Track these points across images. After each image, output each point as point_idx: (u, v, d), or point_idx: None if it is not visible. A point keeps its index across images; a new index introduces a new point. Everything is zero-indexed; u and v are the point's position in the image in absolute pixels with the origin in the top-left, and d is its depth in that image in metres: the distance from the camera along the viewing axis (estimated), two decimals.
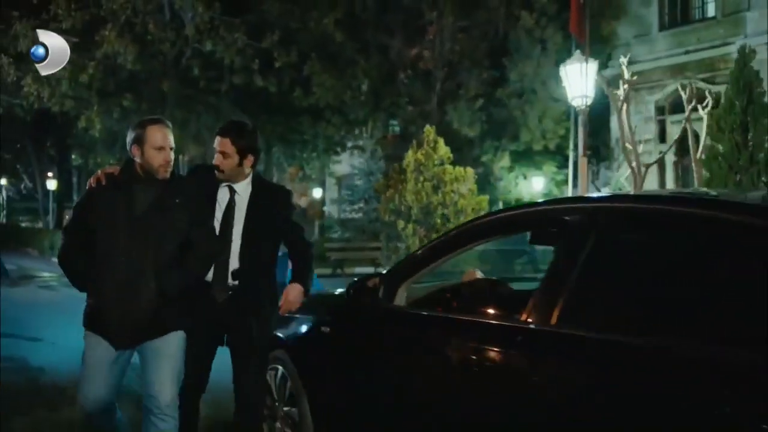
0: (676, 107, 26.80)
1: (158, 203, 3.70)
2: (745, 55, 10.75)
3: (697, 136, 12.01)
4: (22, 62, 20.20)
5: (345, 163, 33.30)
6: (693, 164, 11.51)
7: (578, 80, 12.76)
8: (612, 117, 27.47)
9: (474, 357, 2.97)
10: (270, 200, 4.18)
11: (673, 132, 22.05)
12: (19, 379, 6.67)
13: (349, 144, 30.48)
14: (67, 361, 7.05)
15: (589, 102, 12.89)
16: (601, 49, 25.16)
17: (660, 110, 26.96)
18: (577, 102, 12.88)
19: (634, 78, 12.92)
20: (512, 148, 23.52)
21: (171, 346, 3.73)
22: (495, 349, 2.91)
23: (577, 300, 2.71)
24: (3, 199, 49.47)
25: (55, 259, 19.00)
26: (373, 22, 25.31)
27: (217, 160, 4.05)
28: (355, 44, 24.61)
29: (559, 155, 23.65)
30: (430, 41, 25.41)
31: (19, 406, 5.73)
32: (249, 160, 4.07)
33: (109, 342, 3.63)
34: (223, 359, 4.15)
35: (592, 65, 13.03)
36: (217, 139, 4.08)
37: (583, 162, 13.16)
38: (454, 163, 13.65)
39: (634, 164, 13.14)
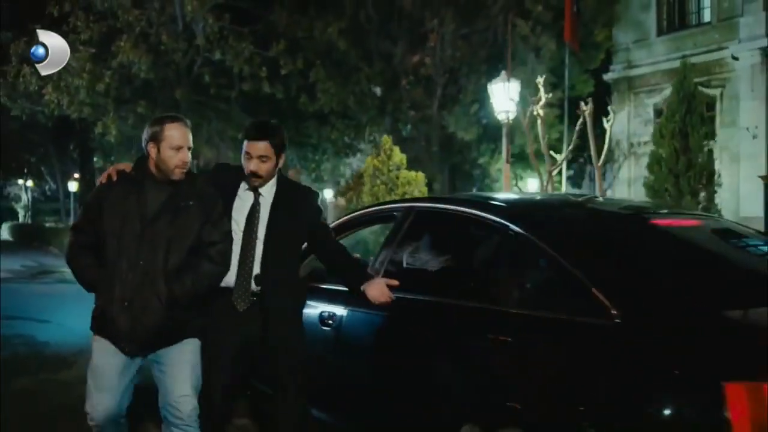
0: None
1: (171, 204, 3.52)
2: (686, 68, 11.78)
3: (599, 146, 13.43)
4: None
5: (356, 166, 34.42)
6: (595, 169, 12.85)
7: (502, 97, 13.96)
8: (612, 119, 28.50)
9: (326, 312, 4.15)
10: (294, 201, 3.92)
11: None
12: (27, 351, 7.90)
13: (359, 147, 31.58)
14: (69, 338, 8.31)
15: (512, 116, 14.08)
16: (595, 54, 26.09)
17: (658, 113, 27.70)
18: (501, 116, 14.05)
19: (549, 96, 14.01)
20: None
21: (187, 353, 3.58)
22: (340, 306, 4.09)
23: (389, 271, 3.87)
24: (28, 200, 51.25)
25: None
26: (377, 31, 26.23)
27: (253, 166, 3.78)
28: (359, 52, 25.64)
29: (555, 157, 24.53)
30: (431, 48, 26.23)
31: (26, 370, 6.94)
32: (282, 159, 3.87)
33: (118, 348, 3.49)
34: None
35: (514, 84, 14.15)
36: (251, 143, 3.79)
37: (506, 168, 14.37)
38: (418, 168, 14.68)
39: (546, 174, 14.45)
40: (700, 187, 10.93)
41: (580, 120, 14.14)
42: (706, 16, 27.18)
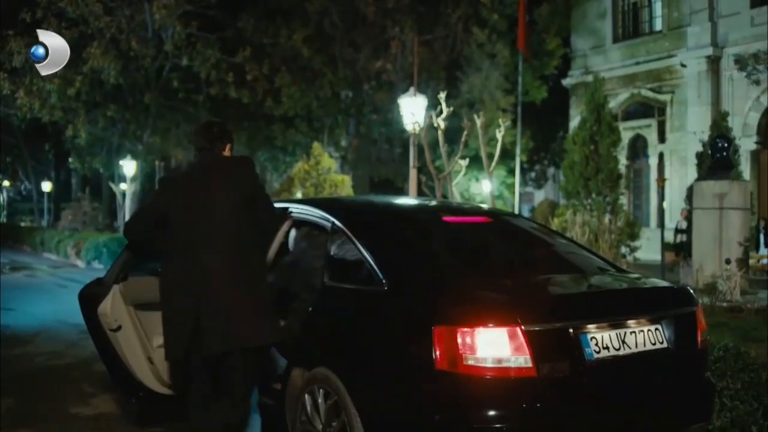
0: (629, 114, 29.09)
1: None
2: (597, 82, 12.95)
3: (491, 155, 14.56)
4: (17, 76, 22.21)
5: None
6: (488, 175, 14.01)
7: (411, 110, 14.99)
8: (571, 124, 29.71)
9: None
10: None
11: (625, 138, 24.06)
12: None
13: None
14: (29, 322, 9.45)
15: (419, 128, 14.98)
16: (548, 61, 27.29)
17: (614, 117, 28.88)
18: (409, 127, 15.06)
19: (450, 110, 14.88)
20: (463, 153, 25.48)
21: None
22: None
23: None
24: (4, 200, 51.82)
25: (46, 254, 21.20)
26: (341, 38, 27.23)
27: None
28: (323, 58, 26.66)
29: (511, 160, 25.53)
30: (392, 55, 27.22)
31: None
32: None
33: None
34: None
35: (421, 99, 15.24)
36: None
37: (413, 173, 15.74)
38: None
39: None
40: (606, 188, 12.09)
41: (465, 132, 15.18)
42: (658, 24, 28.47)
